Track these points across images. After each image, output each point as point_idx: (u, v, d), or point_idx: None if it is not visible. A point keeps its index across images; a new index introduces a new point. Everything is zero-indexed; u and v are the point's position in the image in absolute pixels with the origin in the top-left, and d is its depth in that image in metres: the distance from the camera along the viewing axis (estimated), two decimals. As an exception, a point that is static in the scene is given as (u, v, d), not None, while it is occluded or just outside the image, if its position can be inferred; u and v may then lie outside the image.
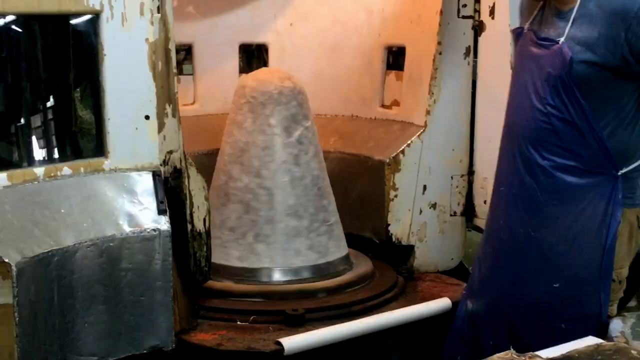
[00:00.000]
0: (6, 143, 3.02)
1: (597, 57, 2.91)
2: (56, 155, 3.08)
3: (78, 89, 3.14)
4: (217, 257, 3.61)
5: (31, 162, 2.99)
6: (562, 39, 2.96)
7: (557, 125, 3.00)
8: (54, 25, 2.98)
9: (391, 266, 4.06)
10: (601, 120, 2.97)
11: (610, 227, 3.01)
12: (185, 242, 3.20)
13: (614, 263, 3.06)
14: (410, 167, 3.99)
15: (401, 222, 4.02)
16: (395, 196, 3.98)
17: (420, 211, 4.05)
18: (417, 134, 3.98)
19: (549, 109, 3.00)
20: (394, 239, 4.03)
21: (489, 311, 3.38)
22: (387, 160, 3.96)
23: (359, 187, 4.19)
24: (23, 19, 2.91)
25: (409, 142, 3.98)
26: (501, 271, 3.31)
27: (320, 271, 3.75)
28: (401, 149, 3.97)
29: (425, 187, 4.04)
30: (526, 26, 3.17)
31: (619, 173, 3.02)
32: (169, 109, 3.08)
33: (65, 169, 2.93)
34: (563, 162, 3.02)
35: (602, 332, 3.08)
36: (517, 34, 3.23)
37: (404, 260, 4.10)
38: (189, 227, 3.22)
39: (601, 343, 2.61)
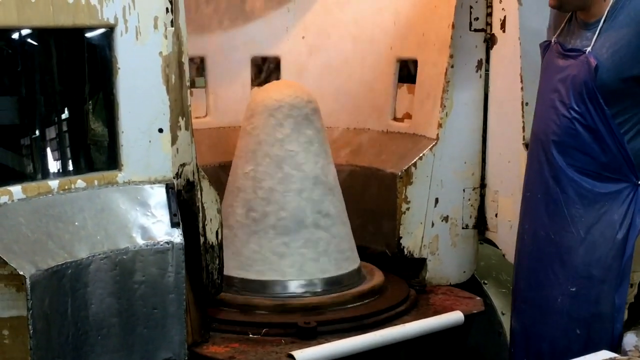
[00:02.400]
0: (21, 156, 3.04)
1: (624, 65, 2.97)
2: (70, 168, 3.10)
3: (90, 102, 3.16)
4: (229, 269, 3.62)
5: (46, 174, 3.02)
6: (588, 49, 3.04)
7: (580, 130, 3.09)
8: (68, 39, 3.00)
9: (403, 279, 4.05)
10: (623, 127, 3.04)
11: (629, 235, 3.08)
12: (198, 254, 3.21)
13: (631, 269, 3.10)
14: (422, 180, 3.99)
15: (413, 235, 4.01)
16: (407, 209, 3.98)
17: (432, 224, 4.04)
18: (429, 147, 3.98)
19: (573, 114, 3.09)
20: (406, 252, 4.02)
21: (513, 318, 3.42)
22: (399, 173, 3.95)
23: (370, 199, 4.19)
24: (38, 32, 2.93)
25: (421, 154, 3.97)
26: (522, 276, 3.34)
27: (333, 284, 3.75)
28: (413, 161, 3.96)
29: (437, 200, 4.04)
30: (553, 39, 3.23)
31: None
32: (182, 122, 3.10)
33: (79, 181, 2.94)
34: (585, 167, 3.11)
35: (615, 346, 3.09)
36: (544, 47, 3.29)
37: (416, 273, 4.09)
38: (202, 239, 3.22)
39: (615, 357, 2.61)
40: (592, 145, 3.09)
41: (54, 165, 3.06)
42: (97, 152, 3.14)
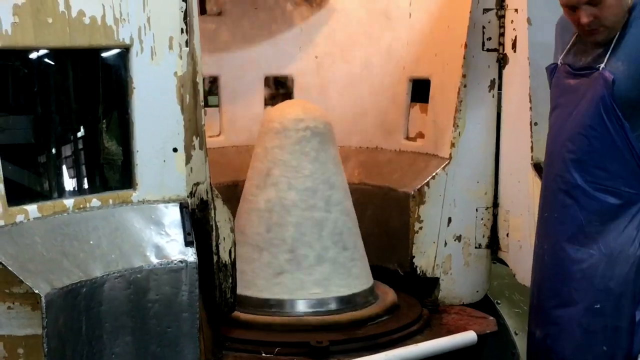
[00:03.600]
0: (37, 175, 3.06)
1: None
2: (86, 187, 3.11)
3: (104, 121, 3.19)
4: (242, 288, 3.62)
5: (61, 193, 3.03)
6: (602, 65, 3.03)
7: (596, 146, 3.09)
8: (84, 59, 3.03)
9: (416, 298, 4.04)
10: None
11: None
12: (211, 273, 3.22)
13: None
14: (435, 199, 3.99)
15: (426, 255, 4.01)
16: (420, 228, 3.98)
17: (445, 243, 4.04)
18: (442, 166, 3.99)
19: (590, 130, 3.08)
20: (418, 271, 4.02)
21: (535, 338, 3.40)
22: (412, 193, 3.96)
23: (383, 219, 4.19)
24: (54, 53, 2.96)
25: (433, 174, 3.98)
26: (544, 296, 3.33)
27: (345, 303, 3.75)
28: (426, 181, 3.97)
29: (450, 220, 4.04)
30: (560, 60, 3.23)
31: None
32: (196, 142, 3.11)
33: (94, 200, 2.96)
34: (603, 182, 3.11)
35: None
36: (551, 70, 3.29)
37: (429, 293, 4.09)
38: (215, 258, 3.23)
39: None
40: (609, 160, 3.08)
41: (69, 184, 3.08)
42: (111, 171, 3.15)
